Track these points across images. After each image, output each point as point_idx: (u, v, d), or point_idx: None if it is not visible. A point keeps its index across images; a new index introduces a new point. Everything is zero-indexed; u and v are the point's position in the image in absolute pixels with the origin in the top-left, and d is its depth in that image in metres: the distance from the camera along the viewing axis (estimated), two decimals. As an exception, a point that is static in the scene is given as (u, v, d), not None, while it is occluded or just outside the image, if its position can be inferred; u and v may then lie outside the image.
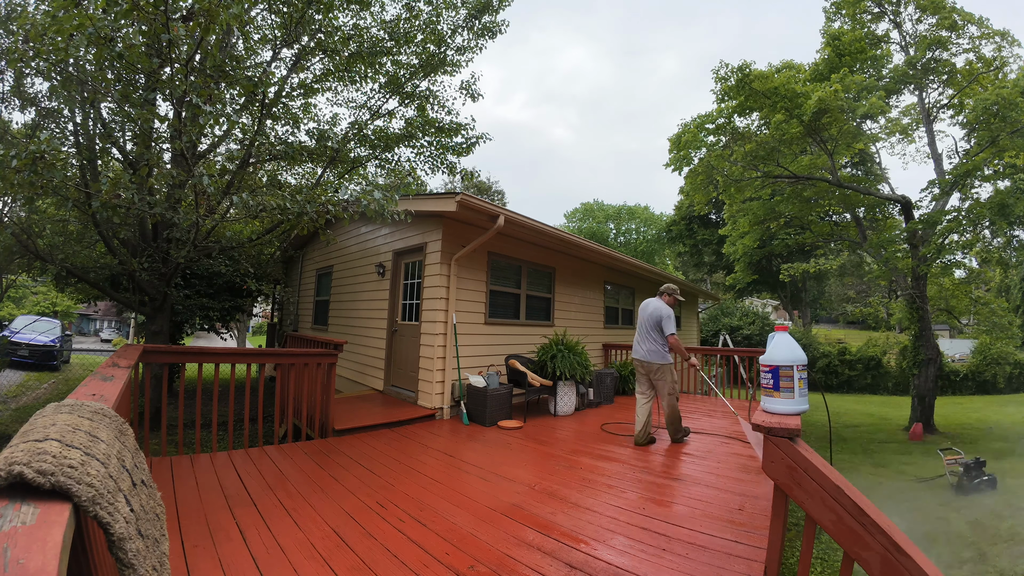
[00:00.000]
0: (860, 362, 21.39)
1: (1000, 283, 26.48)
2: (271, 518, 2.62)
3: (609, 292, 9.41)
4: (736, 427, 5.31)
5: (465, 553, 2.30)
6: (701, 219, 27.98)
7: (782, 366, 1.82)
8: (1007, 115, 9.24)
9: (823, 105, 9.60)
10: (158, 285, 5.96)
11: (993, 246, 11.61)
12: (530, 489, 3.21)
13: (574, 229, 38.12)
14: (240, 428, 5.69)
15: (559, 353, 5.86)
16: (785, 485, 1.64)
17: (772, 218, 13.12)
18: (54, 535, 0.63)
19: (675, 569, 2.17)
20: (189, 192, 4.40)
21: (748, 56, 38.36)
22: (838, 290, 34.35)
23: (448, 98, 7.70)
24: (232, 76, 4.30)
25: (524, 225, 5.87)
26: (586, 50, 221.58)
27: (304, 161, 7.25)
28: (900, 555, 1.22)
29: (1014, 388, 20.29)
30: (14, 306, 28.17)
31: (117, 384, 1.93)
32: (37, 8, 4.77)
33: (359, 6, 6.57)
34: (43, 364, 12.41)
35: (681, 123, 12.72)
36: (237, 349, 6.06)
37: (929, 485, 6.69)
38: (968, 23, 11.15)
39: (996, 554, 4.42)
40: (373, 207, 4.33)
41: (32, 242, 5.91)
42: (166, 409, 3.66)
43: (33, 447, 0.78)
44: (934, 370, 11.20)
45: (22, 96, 5.46)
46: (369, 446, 4.19)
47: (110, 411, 1.18)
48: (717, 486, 3.31)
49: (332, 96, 8.33)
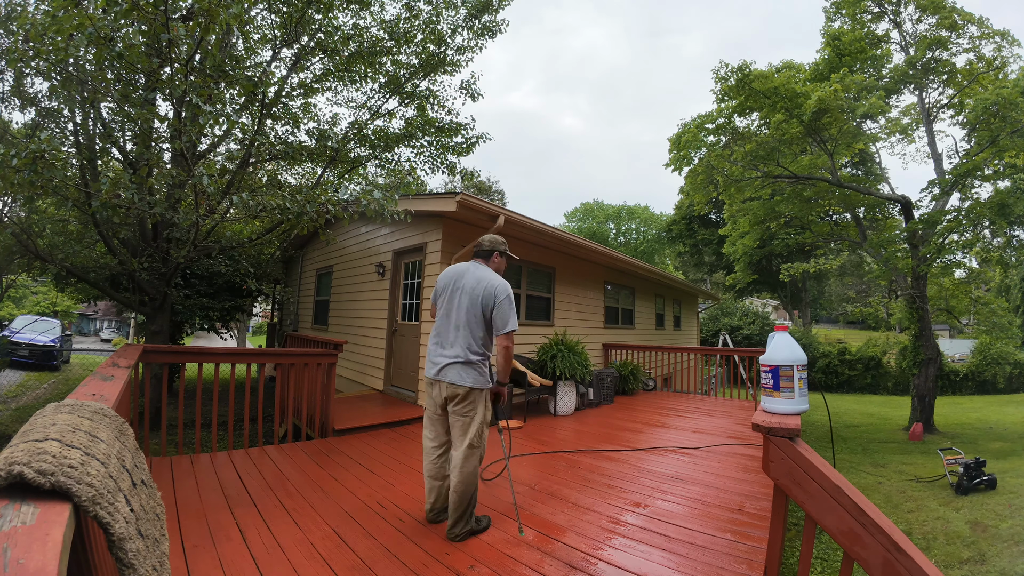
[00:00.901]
0: (860, 362, 21.40)
1: (1000, 283, 26.49)
2: (271, 518, 2.62)
3: (609, 292, 9.41)
4: (736, 427, 5.31)
5: (465, 553, 2.30)
6: (701, 219, 28.00)
7: (782, 366, 1.82)
8: (1007, 115, 9.24)
9: (823, 105, 9.60)
10: (158, 285, 5.96)
11: (993, 246, 11.61)
12: (530, 489, 3.21)
13: (574, 229, 38.12)
14: (240, 428, 5.70)
15: (559, 353, 5.86)
16: (785, 485, 1.64)
17: (772, 218, 13.12)
18: (54, 535, 0.63)
19: (675, 569, 2.17)
20: (189, 192, 4.40)
21: (778, 38, 36.66)
22: (838, 290, 34.38)
23: (448, 98, 7.71)
24: (232, 76, 4.30)
25: (524, 225, 5.87)
26: (603, 30, 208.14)
27: (304, 161, 7.25)
28: (900, 555, 1.22)
29: (1014, 388, 20.29)
30: (14, 306, 28.18)
31: (117, 384, 1.93)
32: (37, 8, 4.76)
33: (359, 6, 6.57)
34: (43, 364, 12.42)
35: (681, 123, 12.74)
36: (237, 349, 6.06)
37: (929, 485, 6.69)
38: (968, 23, 11.14)
39: (996, 554, 4.42)
40: (373, 207, 4.34)
41: (32, 242, 5.91)
42: (166, 409, 3.66)
43: (33, 447, 0.78)
44: (934, 370, 11.19)
45: (22, 96, 5.46)
46: (369, 446, 4.19)
47: (110, 411, 1.18)
48: (717, 486, 3.31)
49: (332, 96, 8.34)
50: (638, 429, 5.22)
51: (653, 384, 8.41)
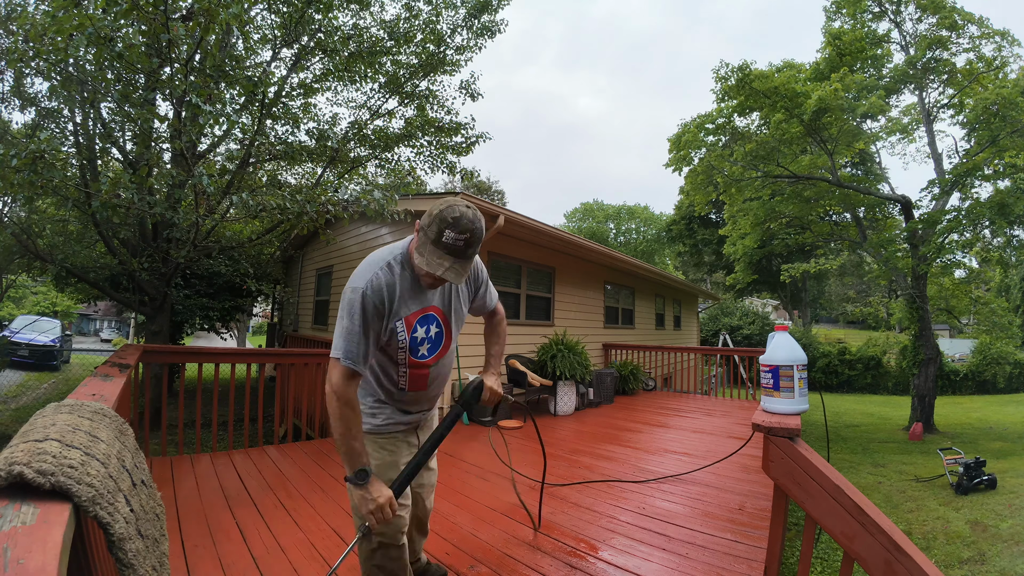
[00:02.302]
0: (860, 362, 21.40)
1: (1000, 283, 26.47)
2: (271, 518, 2.62)
3: (609, 292, 9.41)
4: (737, 427, 5.31)
5: (465, 553, 2.30)
6: (701, 219, 28.00)
7: (782, 366, 1.81)
8: (1007, 115, 9.24)
9: (823, 104, 9.61)
10: (158, 285, 5.96)
11: (993, 246, 11.62)
12: (530, 489, 3.21)
13: (574, 229, 38.12)
14: (240, 428, 5.69)
15: (559, 353, 5.85)
16: (785, 485, 1.64)
17: (772, 218, 13.12)
18: (54, 535, 0.63)
19: (675, 569, 2.17)
20: (189, 192, 4.40)
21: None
22: (838, 290, 34.39)
23: (448, 98, 7.71)
24: (232, 76, 4.30)
25: (524, 225, 5.87)
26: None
27: (304, 161, 7.25)
28: (900, 555, 1.22)
29: (1014, 388, 20.29)
30: (14, 306, 28.18)
31: (117, 384, 1.93)
32: (37, 8, 4.76)
33: (359, 6, 6.58)
34: (43, 364, 12.42)
35: (681, 123, 12.74)
36: (237, 349, 6.06)
37: (929, 485, 6.69)
38: (968, 23, 11.14)
39: (996, 554, 4.42)
40: (373, 207, 4.34)
41: (32, 242, 5.91)
42: (166, 409, 3.67)
43: (33, 447, 0.78)
44: (934, 370, 11.20)
45: (22, 96, 5.46)
46: (369, 446, 4.19)
47: (110, 411, 1.18)
48: (717, 486, 3.31)
49: (332, 96, 8.35)
50: (638, 429, 5.22)
51: (653, 384, 8.41)
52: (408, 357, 1.49)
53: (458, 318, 1.65)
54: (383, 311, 1.38)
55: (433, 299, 1.53)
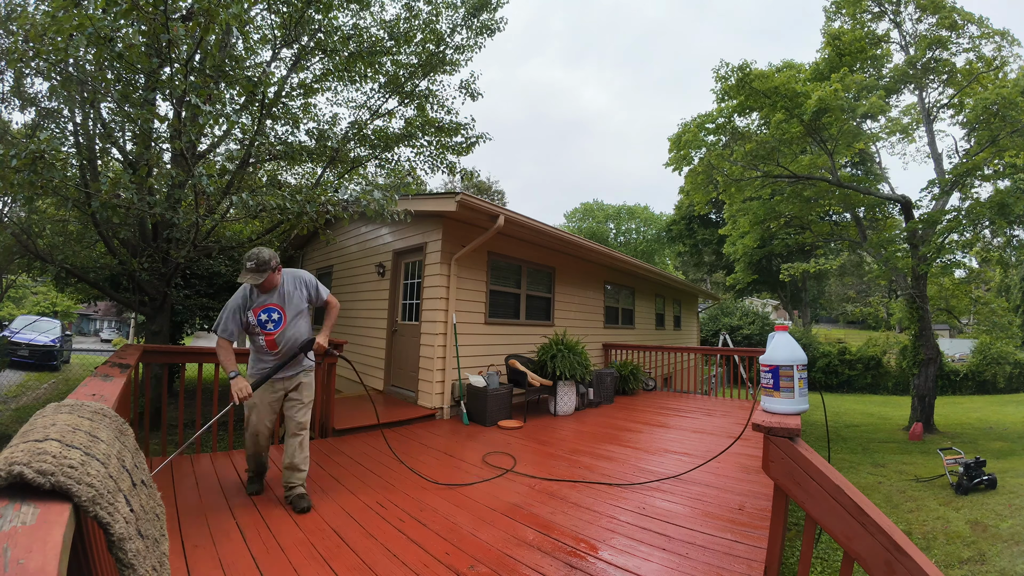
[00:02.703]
0: (860, 362, 21.39)
1: (1000, 283, 26.49)
2: (271, 518, 2.62)
3: (609, 292, 9.40)
4: (736, 427, 5.31)
5: (465, 553, 2.30)
6: (701, 219, 28.01)
7: (782, 366, 1.82)
8: (1007, 114, 9.23)
9: (823, 104, 9.60)
10: (158, 285, 5.95)
11: (993, 246, 11.61)
12: (530, 489, 3.21)
13: (574, 229, 38.13)
14: (240, 428, 5.69)
15: (559, 353, 5.85)
16: (785, 485, 1.64)
17: (772, 218, 13.11)
18: (54, 535, 0.63)
19: (675, 569, 2.17)
20: (189, 192, 4.40)
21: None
22: (838, 290, 34.40)
23: (447, 98, 7.70)
24: (232, 76, 4.30)
25: (524, 225, 5.87)
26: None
27: (304, 161, 7.24)
28: (900, 555, 1.22)
29: (1014, 388, 20.29)
30: (14, 306, 28.18)
31: (117, 384, 1.93)
32: (37, 8, 4.76)
33: (359, 6, 6.58)
34: (43, 364, 12.41)
35: (681, 123, 12.74)
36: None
37: (929, 485, 6.68)
38: (968, 23, 11.14)
39: (996, 554, 4.42)
40: (373, 207, 4.34)
41: (32, 242, 5.91)
42: (166, 409, 3.66)
43: (33, 447, 0.78)
44: (934, 370, 11.19)
45: (22, 96, 5.46)
46: (369, 446, 4.19)
47: (110, 411, 1.18)
48: (717, 486, 3.31)
49: (332, 96, 8.33)
50: (638, 429, 5.22)
51: (653, 384, 8.41)
52: (260, 330, 2.84)
53: (293, 308, 2.92)
54: (243, 306, 2.83)
55: (272, 298, 2.87)
